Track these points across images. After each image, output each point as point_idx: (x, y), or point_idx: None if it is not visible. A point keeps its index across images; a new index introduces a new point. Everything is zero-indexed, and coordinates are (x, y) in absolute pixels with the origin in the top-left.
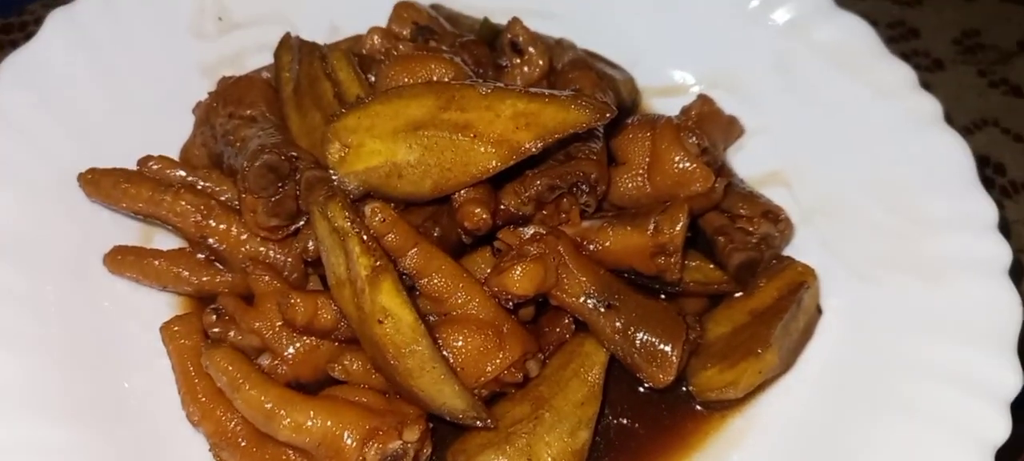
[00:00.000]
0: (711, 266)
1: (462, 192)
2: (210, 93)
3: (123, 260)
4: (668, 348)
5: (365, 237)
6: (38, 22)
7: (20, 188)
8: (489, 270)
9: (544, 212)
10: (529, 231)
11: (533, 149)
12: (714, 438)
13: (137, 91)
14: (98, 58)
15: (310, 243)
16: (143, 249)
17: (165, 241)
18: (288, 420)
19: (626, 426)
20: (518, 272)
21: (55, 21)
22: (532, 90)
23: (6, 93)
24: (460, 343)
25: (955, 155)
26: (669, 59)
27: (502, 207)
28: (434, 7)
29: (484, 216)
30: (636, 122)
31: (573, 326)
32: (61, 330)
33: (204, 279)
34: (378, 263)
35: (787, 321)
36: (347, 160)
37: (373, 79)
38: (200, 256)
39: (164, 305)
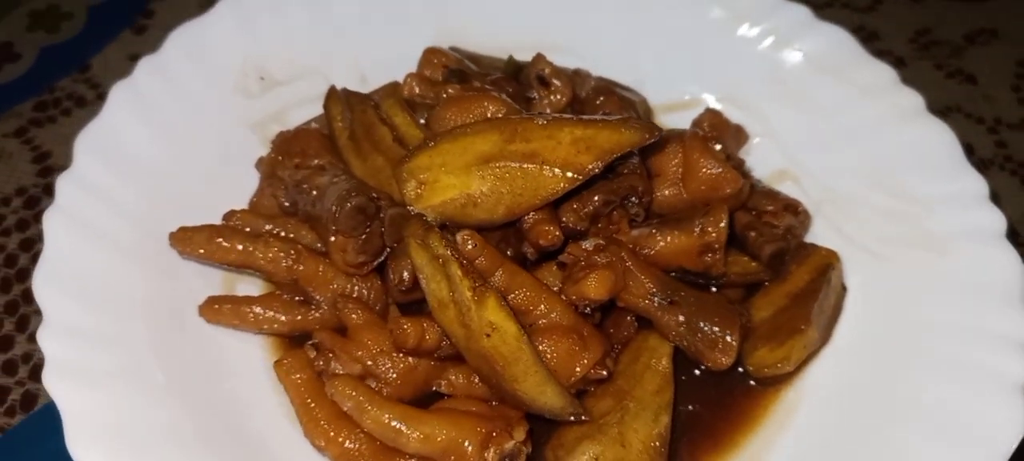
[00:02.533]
0: (746, 259)
1: (531, 215)
2: (271, 148)
3: (220, 309)
4: (727, 334)
5: (464, 261)
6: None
7: (107, 248)
8: (556, 282)
9: (598, 226)
10: (590, 244)
11: (596, 169)
12: (773, 410)
13: (196, 149)
14: (158, 122)
15: (405, 273)
16: (236, 297)
17: (246, 287)
18: (416, 434)
19: (693, 410)
20: (593, 280)
21: (118, 94)
22: (585, 118)
23: (84, 162)
24: (551, 349)
25: (942, 139)
26: (672, 79)
27: (562, 224)
28: (454, 49)
29: (557, 233)
30: (665, 137)
31: (636, 324)
32: (176, 377)
33: (297, 319)
34: (479, 283)
35: (821, 300)
36: (424, 196)
37: (423, 121)
38: (286, 297)
39: (255, 346)
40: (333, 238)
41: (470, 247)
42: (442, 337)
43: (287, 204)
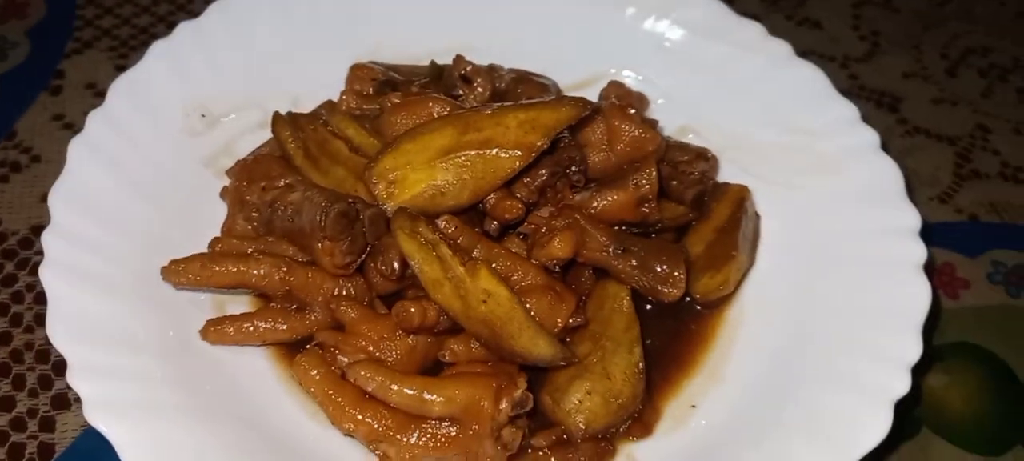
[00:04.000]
0: (673, 205)
1: (491, 196)
2: (232, 177)
3: (222, 330)
4: (676, 270)
5: (450, 242)
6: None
7: (102, 290)
8: (521, 251)
9: (546, 196)
10: (545, 212)
11: (544, 145)
12: (721, 328)
13: (158, 190)
14: (119, 170)
15: (395, 262)
16: (235, 316)
17: (234, 306)
18: (438, 398)
19: (655, 341)
20: (557, 241)
21: (77, 149)
22: (525, 102)
23: (62, 216)
24: (534, 306)
25: (813, 77)
26: (573, 62)
27: (517, 198)
28: (374, 63)
29: (519, 206)
30: None
31: (594, 276)
32: (198, 399)
33: (297, 325)
34: (469, 258)
35: (743, 228)
36: (395, 194)
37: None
38: (280, 308)
39: (258, 356)
40: (320, 245)
41: (451, 229)
42: (440, 313)
43: (259, 225)
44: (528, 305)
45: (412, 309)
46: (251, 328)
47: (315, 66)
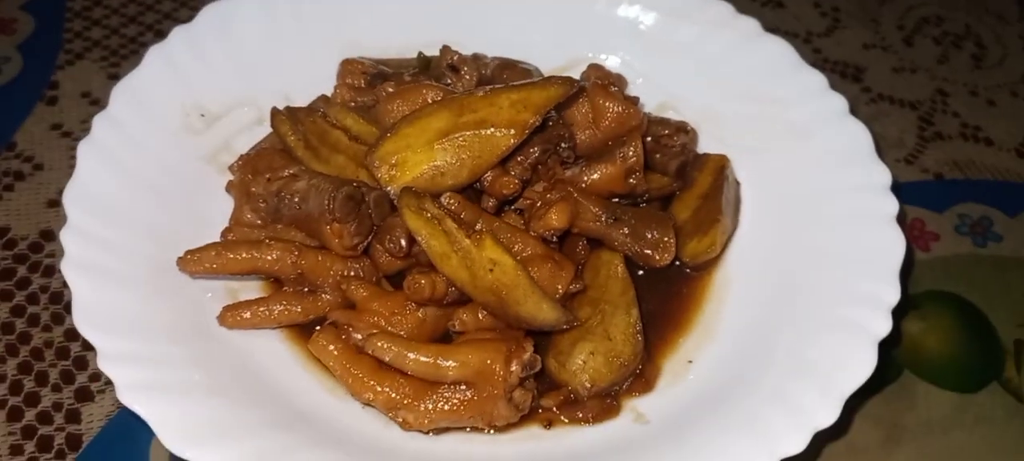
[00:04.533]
0: (658, 175)
1: (488, 174)
2: (237, 171)
3: (239, 315)
4: (666, 236)
5: (455, 217)
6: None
7: (120, 283)
8: (518, 224)
9: (538, 172)
10: (540, 187)
11: (536, 122)
12: (711, 289)
13: (165, 188)
14: (127, 171)
15: (402, 240)
16: (251, 301)
17: (246, 292)
18: (453, 363)
19: (650, 306)
20: (554, 212)
21: (85, 152)
22: (516, 83)
23: (76, 215)
24: (536, 274)
25: (782, 50)
26: (551, 49)
27: (512, 176)
28: (362, 58)
29: (516, 182)
30: None
31: (587, 246)
32: (222, 380)
33: (311, 306)
34: (473, 231)
35: (726, 194)
36: (397, 176)
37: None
38: (292, 291)
39: (273, 338)
40: (329, 228)
41: (455, 205)
42: (449, 285)
43: (266, 215)
44: (534, 272)
45: (422, 281)
46: (266, 311)
47: (303, 64)
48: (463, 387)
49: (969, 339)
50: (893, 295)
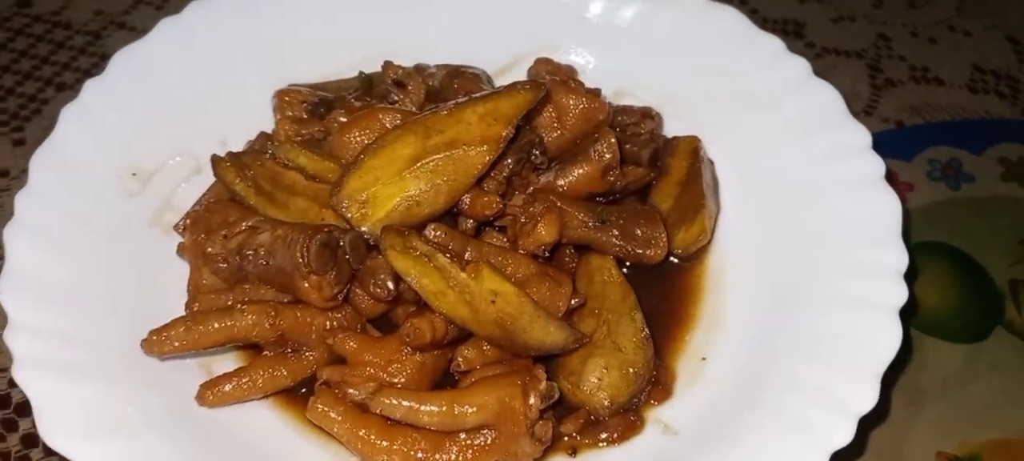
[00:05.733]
0: (632, 167)
1: (465, 196)
2: (187, 232)
3: (219, 392)
4: (656, 231)
5: (445, 250)
6: None
7: (78, 378)
8: (503, 243)
9: (513, 185)
10: (519, 200)
11: (510, 134)
12: (708, 277)
13: (107, 262)
14: (63, 250)
15: (389, 283)
16: (228, 374)
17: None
18: (471, 408)
19: (646, 304)
20: (542, 226)
21: (12, 236)
22: (479, 95)
23: (17, 312)
24: (535, 295)
25: (736, 19)
26: (494, 48)
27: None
28: (295, 86)
29: (496, 200)
30: None
31: (575, 252)
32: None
33: (297, 369)
34: (469, 262)
35: (704, 177)
36: (369, 213)
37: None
38: (272, 355)
39: (260, 409)
40: (306, 282)
41: (441, 236)
42: (448, 324)
43: (228, 276)
44: (534, 294)
45: (422, 325)
46: (250, 382)
47: (234, 101)
48: (483, 431)
49: (966, 287)
50: (901, 260)
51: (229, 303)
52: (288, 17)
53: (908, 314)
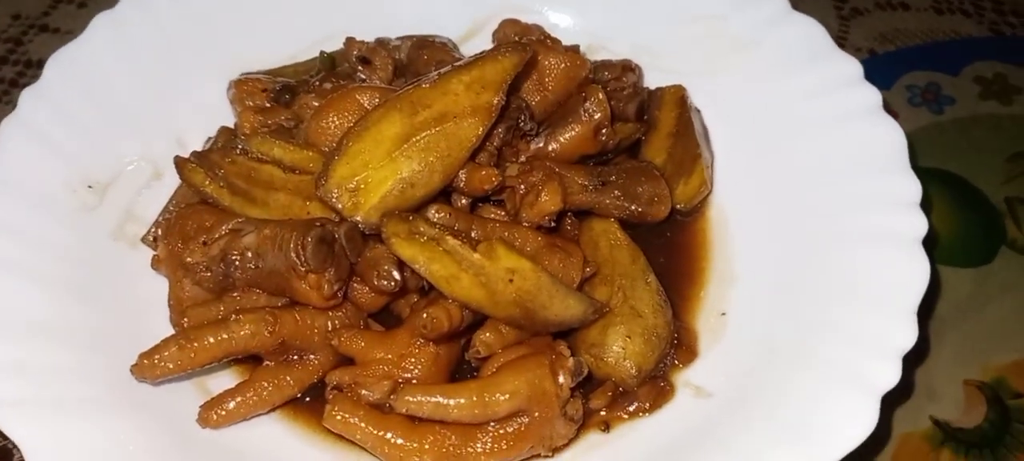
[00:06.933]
0: (621, 124)
1: (460, 173)
2: (161, 242)
3: (221, 411)
4: (658, 186)
5: (454, 231)
6: None
7: (67, 418)
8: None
9: (504, 156)
10: (515, 170)
11: (501, 102)
12: (709, 228)
13: (74, 286)
14: (27, 277)
15: (395, 273)
16: (231, 391)
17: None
18: (501, 396)
19: (657, 263)
20: (545, 195)
21: None
22: (461, 63)
23: None
24: (549, 268)
25: None
26: (454, 13)
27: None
28: (249, 74)
29: (494, 173)
30: None
31: (576, 221)
32: None
33: (303, 376)
34: (478, 242)
35: (695, 126)
36: (361, 202)
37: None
38: (274, 364)
39: (268, 423)
40: (304, 282)
41: (445, 216)
42: (463, 310)
43: (213, 285)
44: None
45: (439, 315)
46: (255, 396)
47: (185, 96)
48: (515, 417)
49: (964, 210)
50: (915, 189)
51: (220, 314)
52: (233, 3)
53: (930, 244)
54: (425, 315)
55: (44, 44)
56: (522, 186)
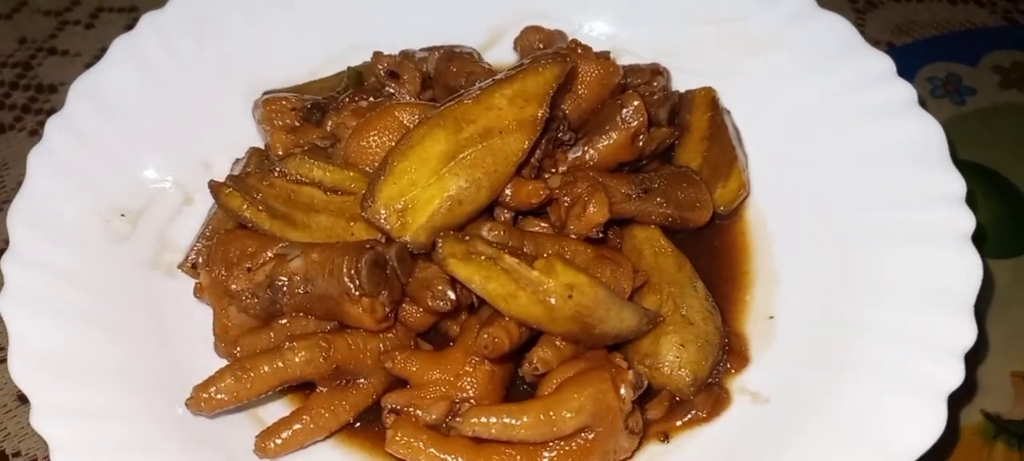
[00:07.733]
0: (655, 129)
1: (507, 188)
2: (204, 270)
3: (279, 441)
4: (699, 191)
5: (511, 249)
6: None
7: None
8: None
9: (544, 167)
10: (556, 181)
11: (546, 114)
12: (749, 230)
13: (116, 322)
14: (67, 316)
15: (450, 292)
16: (287, 419)
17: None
18: (568, 414)
19: (696, 268)
20: (593, 206)
21: (10, 307)
22: (500, 76)
23: (40, 395)
24: (602, 281)
25: None
26: (474, 22)
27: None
28: (274, 92)
29: (542, 186)
30: None
31: (618, 230)
32: None
33: (358, 400)
34: (534, 258)
35: (729, 127)
36: (409, 221)
37: None
38: (328, 390)
39: (325, 450)
40: (358, 306)
41: (499, 234)
42: (521, 328)
43: (259, 312)
44: None
45: (499, 333)
46: (312, 424)
47: (210, 119)
48: (582, 433)
49: (999, 203)
50: (960, 184)
51: (271, 342)
52: (248, 20)
53: (979, 240)
54: (486, 335)
55: (53, 67)
56: (566, 198)
